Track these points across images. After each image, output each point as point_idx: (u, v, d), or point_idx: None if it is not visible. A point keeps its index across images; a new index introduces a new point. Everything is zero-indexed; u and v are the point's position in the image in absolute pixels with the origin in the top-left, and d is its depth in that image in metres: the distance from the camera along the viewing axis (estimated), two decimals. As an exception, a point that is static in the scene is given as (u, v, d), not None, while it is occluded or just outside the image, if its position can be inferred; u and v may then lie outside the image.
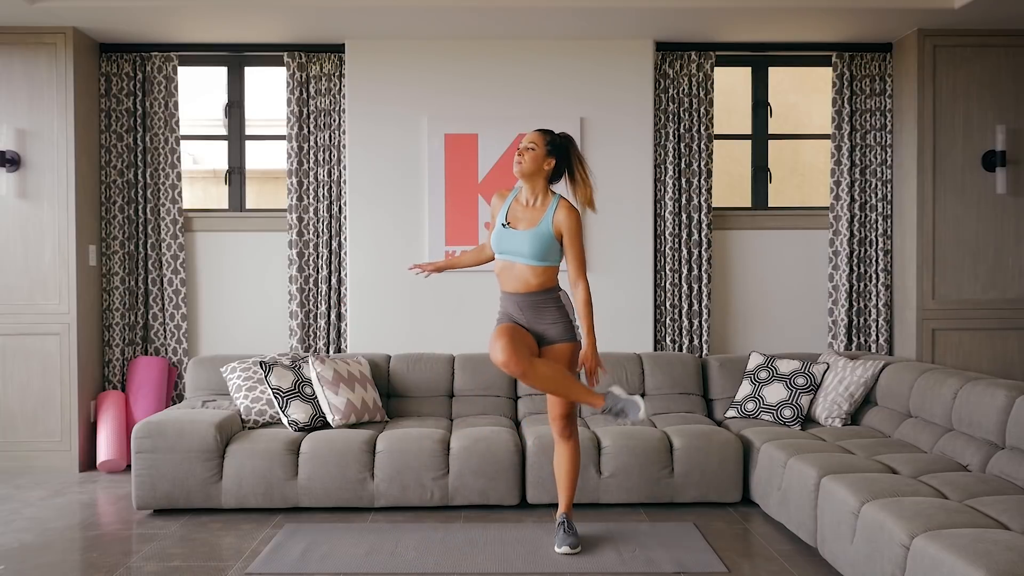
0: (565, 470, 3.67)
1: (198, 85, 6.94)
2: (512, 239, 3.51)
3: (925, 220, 5.17)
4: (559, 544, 3.58)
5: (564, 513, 3.66)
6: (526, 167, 3.53)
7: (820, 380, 4.68)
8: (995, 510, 2.93)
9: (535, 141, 3.55)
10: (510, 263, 3.52)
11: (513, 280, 3.52)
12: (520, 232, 3.50)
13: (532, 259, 3.48)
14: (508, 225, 3.54)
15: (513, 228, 3.53)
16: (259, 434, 4.33)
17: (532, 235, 3.48)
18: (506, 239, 3.52)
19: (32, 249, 5.09)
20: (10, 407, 5.08)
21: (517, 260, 3.50)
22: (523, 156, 3.53)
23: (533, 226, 3.51)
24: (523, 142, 3.57)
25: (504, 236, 3.53)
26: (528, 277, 3.50)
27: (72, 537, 3.91)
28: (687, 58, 5.37)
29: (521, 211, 3.57)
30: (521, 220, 3.54)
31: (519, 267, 3.50)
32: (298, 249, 5.35)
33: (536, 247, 3.47)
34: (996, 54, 5.17)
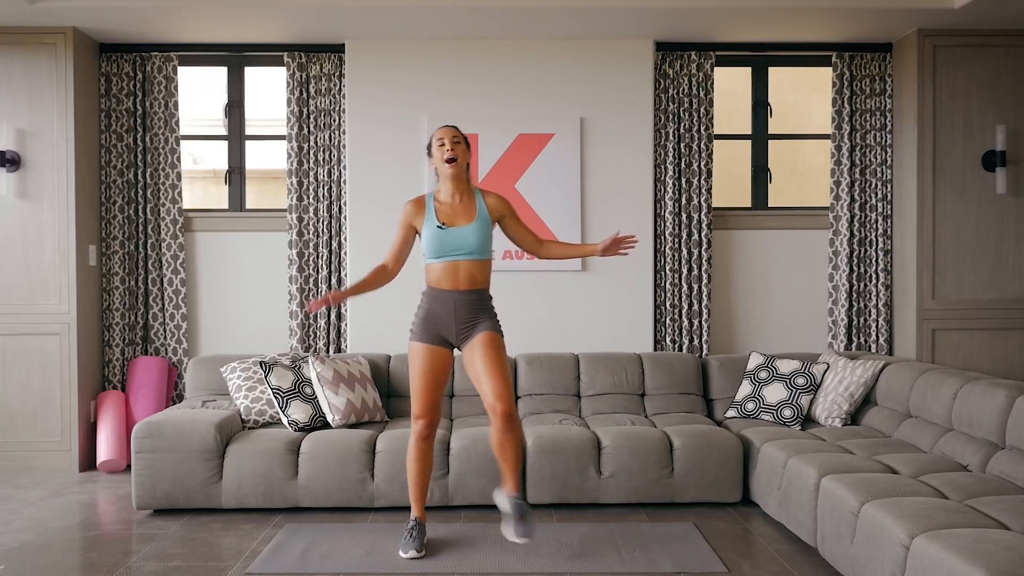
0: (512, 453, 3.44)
1: (198, 85, 6.94)
2: (455, 237, 3.48)
3: (925, 220, 5.18)
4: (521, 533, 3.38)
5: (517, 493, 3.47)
6: (461, 160, 3.56)
7: (820, 380, 4.68)
8: (995, 510, 2.93)
9: (457, 135, 3.58)
10: (453, 264, 3.49)
11: (458, 279, 3.49)
12: (462, 228, 3.50)
13: (479, 253, 3.50)
14: (445, 225, 3.51)
15: (451, 227, 3.51)
16: (259, 434, 4.33)
17: (475, 227, 3.50)
18: (448, 238, 3.49)
19: (32, 249, 5.09)
20: (10, 407, 5.08)
21: (463, 258, 3.49)
22: (456, 149, 3.53)
23: (471, 220, 3.52)
24: (446, 136, 3.55)
25: (445, 236, 3.49)
26: (475, 272, 3.50)
27: (72, 537, 3.91)
28: (687, 58, 5.37)
29: (449, 210, 3.55)
30: (456, 218, 3.53)
31: (465, 264, 3.49)
32: (298, 249, 5.35)
33: (482, 239, 3.50)
34: (996, 54, 5.17)
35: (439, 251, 3.50)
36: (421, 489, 3.63)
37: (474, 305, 3.52)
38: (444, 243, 3.49)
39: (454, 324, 3.51)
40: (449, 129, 3.60)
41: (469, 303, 3.51)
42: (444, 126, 3.64)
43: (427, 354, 3.53)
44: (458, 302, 3.50)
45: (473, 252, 3.50)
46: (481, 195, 3.61)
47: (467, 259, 3.50)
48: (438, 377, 3.56)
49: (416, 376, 3.54)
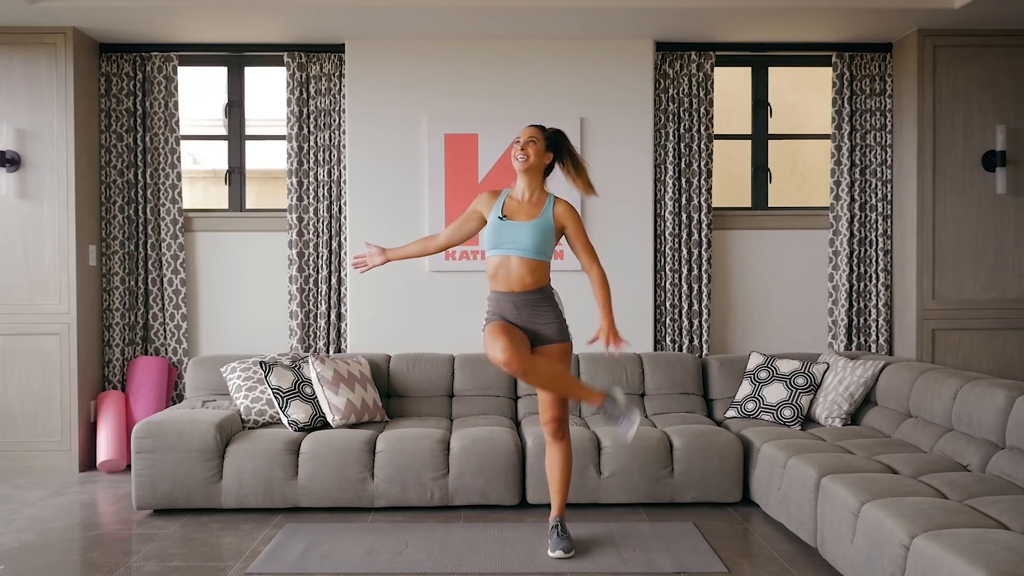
0: (559, 473, 3.63)
1: (198, 85, 6.94)
2: (512, 231, 3.48)
3: (925, 220, 5.18)
4: (552, 548, 3.55)
5: (558, 516, 3.63)
6: (532, 160, 3.53)
7: (820, 380, 4.68)
8: (995, 510, 2.93)
9: (535, 136, 3.56)
10: (505, 258, 3.48)
11: (508, 278, 3.48)
12: (520, 223, 3.49)
13: (531, 252, 3.46)
14: (505, 217, 3.52)
15: (511, 219, 3.51)
16: (259, 434, 4.33)
17: (533, 226, 3.47)
18: (505, 231, 3.49)
19: (32, 249, 5.09)
20: (10, 407, 5.08)
21: (514, 253, 3.47)
22: (527, 150, 3.53)
23: (533, 218, 3.51)
24: (522, 137, 3.56)
25: (503, 228, 3.49)
26: (524, 273, 3.47)
27: (72, 537, 3.91)
28: (687, 58, 5.37)
29: (516, 206, 3.55)
30: (518, 213, 3.53)
31: (515, 262, 3.47)
32: (298, 249, 5.35)
33: (537, 239, 3.46)
34: (996, 54, 5.17)
35: (494, 242, 3.50)
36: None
37: (533, 305, 3.50)
38: (500, 234, 3.49)
39: (521, 323, 3.50)
40: (528, 129, 3.59)
41: (527, 303, 3.49)
42: (529, 125, 3.62)
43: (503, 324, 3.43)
44: (517, 303, 3.49)
45: (526, 250, 3.46)
46: (553, 202, 3.56)
47: (519, 255, 3.46)
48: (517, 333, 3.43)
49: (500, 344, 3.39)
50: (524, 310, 3.49)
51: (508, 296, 3.50)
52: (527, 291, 3.48)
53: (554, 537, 3.58)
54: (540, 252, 3.48)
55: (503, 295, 3.51)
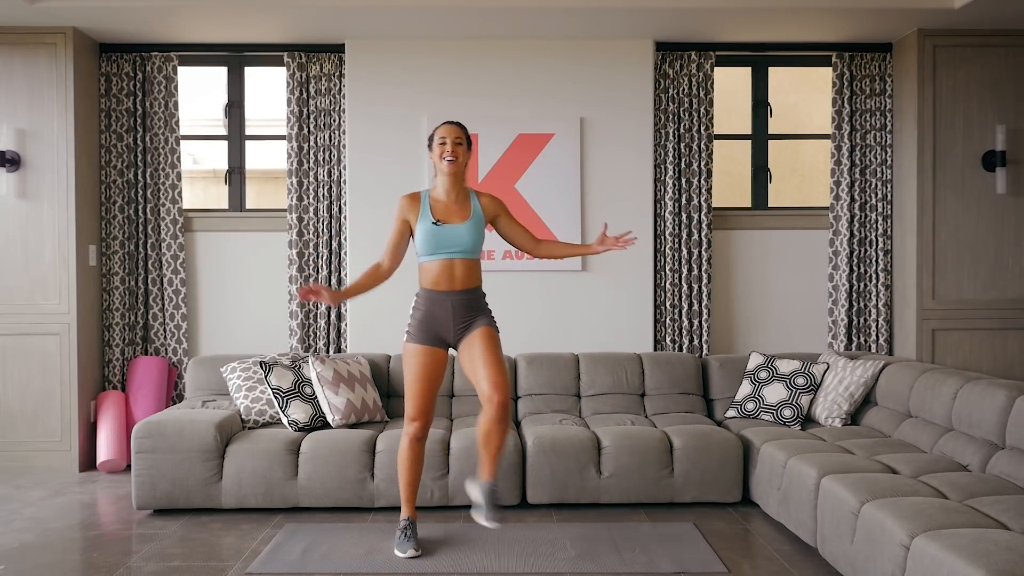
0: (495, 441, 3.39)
1: (198, 85, 6.94)
2: (450, 235, 3.48)
3: (925, 220, 5.17)
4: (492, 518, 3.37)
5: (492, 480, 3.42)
6: (461, 161, 3.56)
7: (820, 380, 4.68)
8: (995, 510, 2.93)
9: (461, 136, 3.58)
10: (448, 262, 3.49)
11: (452, 279, 3.49)
12: (458, 226, 3.50)
13: (472, 252, 3.52)
14: (440, 222, 3.50)
15: (447, 223, 3.50)
16: (259, 434, 4.33)
17: (470, 226, 3.50)
18: (444, 235, 3.48)
19: (32, 249, 5.09)
20: (10, 407, 5.08)
21: (457, 256, 3.49)
22: (457, 151, 3.53)
23: (466, 219, 3.52)
24: (449, 136, 3.53)
25: (440, 233, 3.48)
26: (468, 273, 3.51)
27: (72, 537, 3.91)
28: (687, 58, 5.37)
29: (445, 208, 3.54)
30: (450, 215, 3.53)
31: (460, 263, 3.49)
32: (298, 249, 5.35)
33: (476, 238, 3.51)
34: (996, 54, 5.17)
35: (433, 248, 3.49)
36: (414, 489, 3.64)
37: (471, 304, 3.53)
38: (439, 240, 3.48)
39: (452, 324, 3.50)
40: (453, 128, 3.58)
41: (466, 303, 3.51)
42: (449, 123, 3.61)
43: (425, 355, 3.52)
44: (455, 303, 3.50)
45: (467, 251, 3.50)
46: (476, 195, 3.63)
47: (461, 257, 3.50)
48: (435, 379, 3.56)
49: (413, 378, 3.53)
50: (460, 310, 3.50)
51: (448, 296, 3.48)
52: (468, 288, 3.52)
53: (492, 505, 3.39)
54: (477, 249, 3.55)
55: (441, 295, 3.49)
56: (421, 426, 3.56)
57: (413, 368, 3.52)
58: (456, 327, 3.51)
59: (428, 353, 3.52)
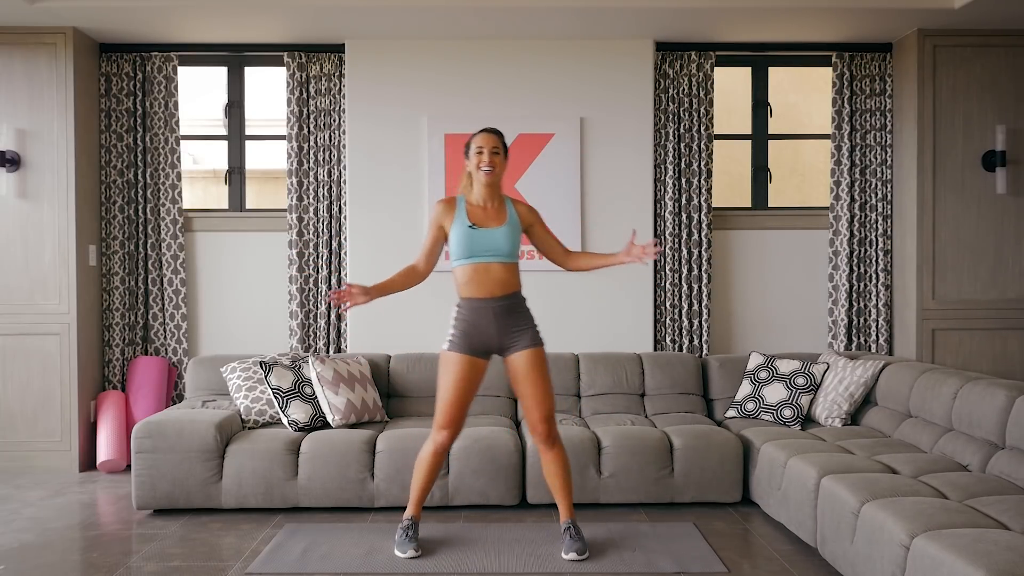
0: (561, 480, 3.56)
1: (198, 85, 6.94)
2: (487, 238, 3.46)
3: (925, 220, 5.18)
4: (566, 550, 3.51)
5: (570, 519, 3.59)
6: (499, 171, 3.55)
7: (820, 380, 4.68)
8: (995, 510, 2.93)
9: (498, 145, 3.56)
10: (484, 266, 3.46)
11: (490, 284, 3.46)
12: (495, 229, 3.49)
13: (510, 256, 3.50)
14: (476, 226, 3.49)
15: (482, 228, 3.49)
16: (259, 434, 4.33)
17: (507, 231, 3.49)
18: (480, 239, 3.46)
19: (32, 249, 5.09)
20: (10, 407, 5.08)
21: (494, 260, 3.47)
22: (495, 161, 3.52)
23: (502, 224, 3.51)
24: (486, 146, 3.52)
25: (477, 237, 3.46)
26: (506, 277, 3.48)
27: (72, 537, 3.91)
28: (687, 58, 5.37)
29: (482, 213, 3.54)
30: (487, 220, 3.52)
31: (496, 268, 3.47)
32: (298, 249, 5.35)
33: (513, 242, 3.50)
34: (996, 54, 5.17)
35: (469, 251, 3.47)
36: (424, 493, 3.64)
37: (512, 310, 3.49)
38: (475, 243, 3.46)
39: (497, 334, 3.46)
40: (491, 137, 3.55)
41: (507, 309, 3.48)
42: (486, 131, 3.57)
43: (464, 365, 3.46)
44: (497, 311, 3.46)
45: (503, 255, 3.47)
46: (512, 203, 3.61)
47: (497, 261, 3.47)
48: (472, 389, 3.52)
49: (448, 387, 3.48)
50: (502, 318, 3.46)
51: (487, 303, 3.46)
52: (508, 295, 3.49)
53: (567, 539, 3.54)
54: (515, 254, 3.54)
55: (481, 302, 3.46)
56: (450, 435, 3.55)
57: (451, 377, 3.47)
58: (501, 336, 3.47)
59: (468, 363, 3.47)
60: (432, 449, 3.57)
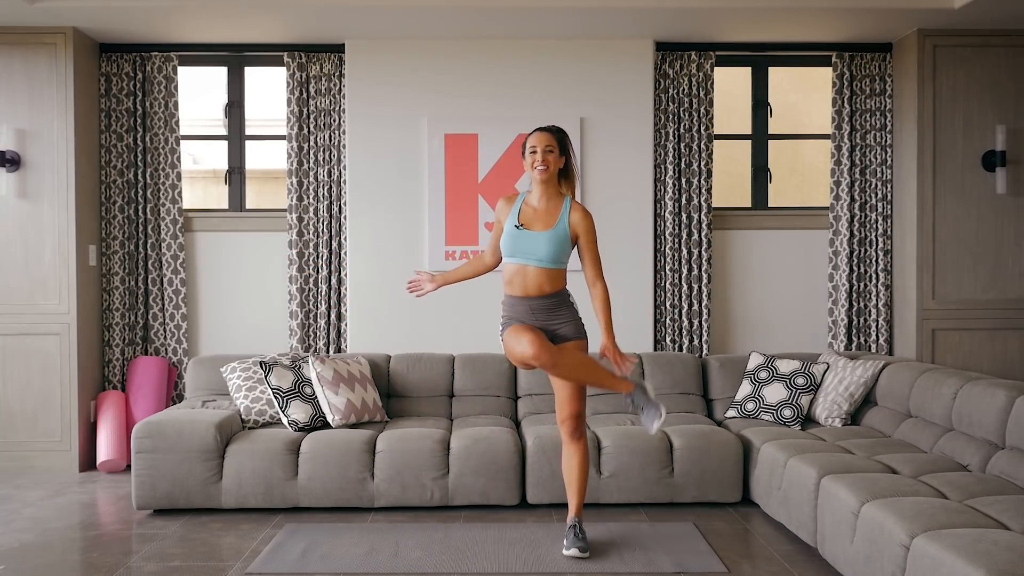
0: (577, 474, 3.61)
1: (198, 85, 6.94)
2: (528, 241, 3.46)
3: (925, 220, 5.18)
4: (568, 547, 3.53)
5: (576, 517, 3.61)
6: (552, 170, 3.52)
7: (820, 380, 4.68)
8: (995, 510, 2.93)
9: (551, 143, 3.52)
10: (522, 266, 3.47)
11: (526, 284, 3.47)
12: (537, 234, 3.47)
13: (548, 262, 3.45)
14: (522, 227, 3.49)
15: (528, 229, 3.48)
16: (259, 434, 4.33)
17: (550, 236, 3.46)
18: (521, 240, 3.47)
19: (32, 249, 5.09)
20: (10, 407, 5.08)
21: (531, 263, 3.45)
22: (548, 160, 3.49)
23: (549, 227, 3.48)
24: (539, 144, 3.49)
25: (519, 237, 3.47)
26: (543, 282, 3.47)
27: (72, 537, 3.91)
28: (687, 58, 5.37)
29: (533, 213, 3.52)
30: (535, 222, 3.50)
31: (532, 271, 3.46)
32: (298, 249, 5.35)
33: (553, 249, 3.45)
34: (996, 54, 5.17)
35: (510, 251, 3.49)
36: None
37: (552, 308, 3.49)
38: (516, 244, 3.47)
39: (535, 323, 3.47)
40: (544, 136, 3.52)
41: (545, 307, 3.49)
42: (540, 130, 3.55)
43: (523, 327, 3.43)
44: (534, 307, 3.48)
45: (543, 260, 3.45)
46: (570, 207, 3.54)
47: (536, 266, 3.45)
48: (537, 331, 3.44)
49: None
50: (540, 313, 3.48)
51: (524, 300, 3.48)
52: (544, 295, 3.48)
53: (571, 536, 3.55)
54: (557, 261, 3.48)
55: (519, 299, 3.50)
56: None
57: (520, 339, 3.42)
58: (540, 324, 3.47)
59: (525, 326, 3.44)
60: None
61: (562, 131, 3.60)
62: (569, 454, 3.62)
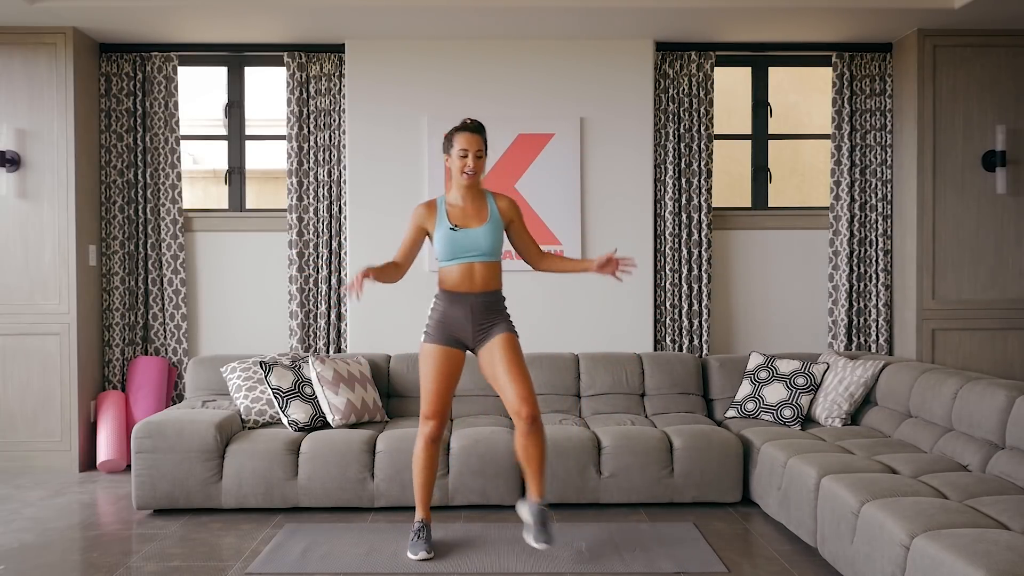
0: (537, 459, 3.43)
1: (198, 85, 6.94)
2: (468, 238, 3.48)
3: (925, 220, 5.17)
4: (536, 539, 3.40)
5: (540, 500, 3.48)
6: (479, 173, 3.56)
7: (820, 380, 4.68)
8: (995, 510, 2.93)
9: (481, 147, 3.54)
10: (468, 266, 3.49)
11: (472, 282, 3.49)
12: (475, 230, 3.50)
13: (492, 255, 3.52)
14: (457, 227, 3.50)
15: (464, 228, 3.50)
16: (259, 434, 4.33)
17: (488, 229, 3.50)
18: (461, 240, 3.48)
19: (32, 249, 5.09)
20: (10, 407, 5.08)
21: (477, 259, 3.49)
22: (477, 165, 3.52)
23: (484, 222, 3.52)
24: (471, 147, 3.49)
25: (459, 238, 3.48)
26: (489, 276, 3.51)
27: (72, 537, 3.91)
28: (687, 58, 5.37)
29: (461, 213, 3.54)
30: (468, 219, 3.53)
31: (479, 267, 3.50)
32: (298, 249, 5.35)
33: (494, 240, 3.51)
34: (996, 54, 5.17)
35: (452, 253, 3.49)
36: (428, 491, 3.63)
37: (490, 307, 3.53)
38: (457, 245, 3.48)
39: (471, 327, 3.50)
40: (475, 139, 3.52)
41: (485, 305, 3.51)
42: (470, 131, 3.53)
43: (442, 356, 3.51)
44: (475, 305, 3.50)
45: (486, 254, 3.50)
46: (492, 197, 3.61)
47: (480, 260, 3.50)
48: (451, 379, 3.55)
49: (429, 378, 3.52)
50: (479, 311, 3.50)
51: (467, 297, 3.49)
52: (488, 291, 3.52)
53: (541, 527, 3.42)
54: (497, 253, 3.56)
55: (462, 296, 3.49)
56: (436, 426, 3.56)
57: (430, 368, 3.52)
58: (475, 330, 3.50)
59: (445, 353, 3.52)
60: (422, 443, 3.58)
61: (483, 127, 3.60)
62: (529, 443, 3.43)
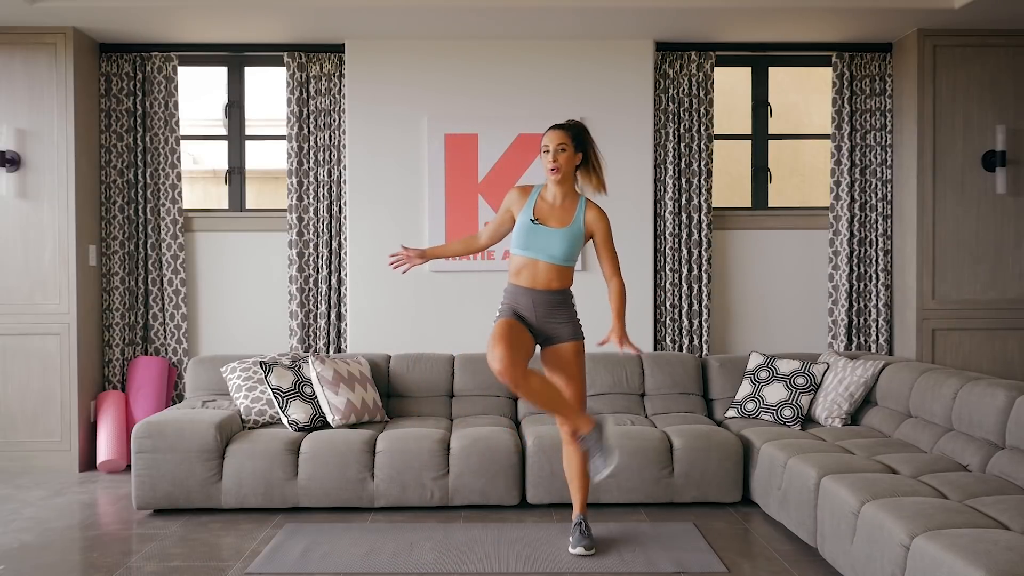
0: (578, 471, 3.62)
1: (198, 85, 6.93)
2: (543, 236, 3.44)
3: (925, 220, 5.18)
4: (574, 544, 3.55)
5: (581, 514, 3.63)
6: (565, 169, 3.49)
7: (820, 380, 4.68)
8: (995, 510, 2.93)
9: (564, 141, 3.49)
10: (532, 260, 3.46)
11: (534, 278, 3.47)
12: (553, 230, 3.45)
13: (561, 260, 3.46)
14: (537, 221, 3.47)
15: (543, 224, 3.47)
16: (259, 434, 4.32)
17: (565, 234, 3.45)
18: (536, 235, 3.45)
19: (32, 249, 5.09)
20: (10, 407, 5.08)
21: (543, 259, 3.45)
22: (559, 159, 3.47)
23: (565, 225, 3.47)
24: (551, 143, 3.48)
25: (533, 232, 3.45)
26: (552, 277, 3.47)
27: (72, 537, 3.91)
28: (687, 58, 5.37)
29: (548, 209, 3.51)
30: (550, 218, 3.48)
31: (543, 266, 3.46)
32: (298, 249, 5.35)
33: (568, 247, 3.45)
34: (996, 54, 5.17)
35: (524, 244, 3.46)
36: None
37: (554, 304, 3.50)
38: (530, 238, 3.45)
39: (534, 316, 3.48)
40: (556, 134, 3.49)
41: (548, 302, 3.49)
42: (553, 128, 3.52)
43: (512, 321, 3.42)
44: (537, 301, 3.47)
45: (555, 257, 3.45)
46: (585, 207, 3.54)
47: (547, 262, 3.45)
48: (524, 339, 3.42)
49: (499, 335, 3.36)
50: (542, 308, 3.48)
51: (529, 292, 3.47)
52: (552, 291, 3.48)
53: (576, 534, 3.57)
54: (569, 259, 3.49)
55: (524, 290, 3.48)
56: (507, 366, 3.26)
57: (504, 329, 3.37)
58: (539, 320, 3.47)
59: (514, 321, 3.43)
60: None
61: (579, 126, 3.56)
62: (572, 453, 3.62)
